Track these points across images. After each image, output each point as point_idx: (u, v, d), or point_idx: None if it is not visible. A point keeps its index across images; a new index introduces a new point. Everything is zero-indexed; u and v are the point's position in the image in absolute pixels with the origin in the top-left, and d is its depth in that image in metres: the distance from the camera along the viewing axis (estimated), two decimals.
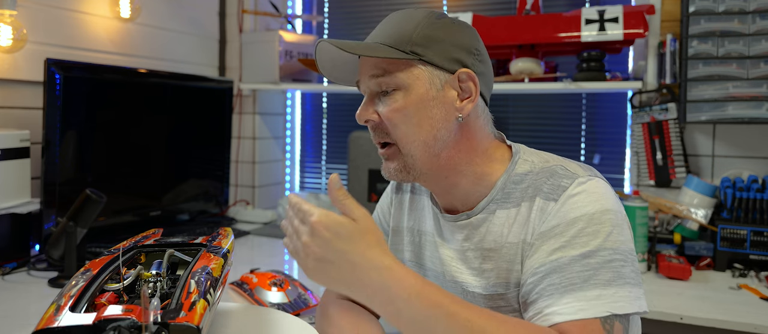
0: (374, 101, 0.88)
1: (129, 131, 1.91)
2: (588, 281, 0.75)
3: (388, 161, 0.89)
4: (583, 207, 0.79)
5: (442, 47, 0.84)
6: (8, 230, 1.60)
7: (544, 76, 1.94)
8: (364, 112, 0.88)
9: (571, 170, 0.84)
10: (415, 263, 0.99)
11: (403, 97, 0.84)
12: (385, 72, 0.84)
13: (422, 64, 0.84)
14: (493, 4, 2.33)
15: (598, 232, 0.77)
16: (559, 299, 0.75)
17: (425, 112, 0.84)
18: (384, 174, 0.90)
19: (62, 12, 1.84)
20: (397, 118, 0.84)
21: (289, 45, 2.34)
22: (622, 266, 0.76)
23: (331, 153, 2.69)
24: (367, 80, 0.87)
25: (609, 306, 0.74)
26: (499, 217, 0.86)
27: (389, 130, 0.86)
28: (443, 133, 0.85)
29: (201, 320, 0.68)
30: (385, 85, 0.85)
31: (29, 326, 1.15)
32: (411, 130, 0.84)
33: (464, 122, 0.86)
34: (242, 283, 1.35)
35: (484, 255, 0.87)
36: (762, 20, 1.69)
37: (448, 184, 0.89)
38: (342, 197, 0.77)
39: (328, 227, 0.73)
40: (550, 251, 0.79)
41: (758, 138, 1.84)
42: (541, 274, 0.78)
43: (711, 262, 1.70)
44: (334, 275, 0.74)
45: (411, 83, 0.84)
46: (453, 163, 0.87)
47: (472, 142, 0.88)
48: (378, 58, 0.84)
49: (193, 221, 2.22)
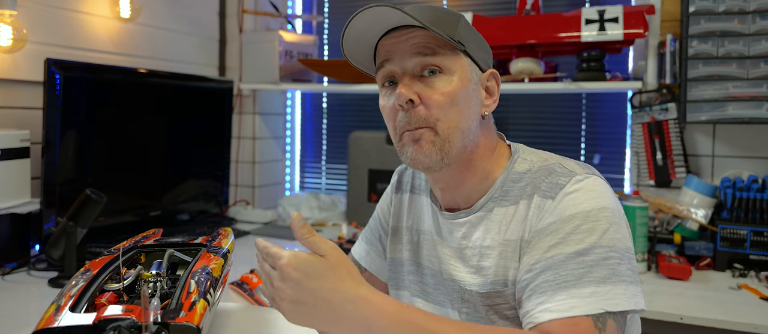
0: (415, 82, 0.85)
1: (129, 131, 1.91)
2: (582, 278, 0.75)
3: (421, 142, 0.84)
4: (580, 204, 0.79)
5: (477, 44, 0.88)
6: (8, 230, 1.60)
7: (544, 76, 1.94)
8: (408, 90, 0.83)
9: (568, 168, 0.84)
10: (414, 262, 0.99)
11: (450, 82, 0.84)
12: (434, 52, 0.84)
13: (465, 55, 0.86)
14: (493, 4, 2.33)
15: (594, 229, 0.77)
16: (553, 295, 0.75)
17: (467, 101, 0.85)
18: (409, 161, 0.86)
19: (62, 12, 1.84)
20: (445, 101, 0.83)
21: (289, 45, 2.34)
22: (618, 263, 0.76)
23: (331, 153, 2.69)
24: (408, 59, 0.84)
25: (603, 304, 0.73)
26: (497, 214, 0.86)
27: (431, 111, 0.83)
28: (474, 125, 0.87)
29: (201, 320, 0.68)
30: (433, 65, 0.83)
31: (29, 326, 1.14)
32: (454, 116, 0.84)
33: (484, 120, 0.89)
34: (242, 283, 1.35)
35: (482, 253, 0.87)
36: (762, 20, 1.69)
37: (461, 179, 0.90)
38: (307, 234, 0.74)
39: (297, 267, 0.72)
40: (545, 247, 0.79)
41: (758, 138, 1.84)
42: (535, 271, 0.78)
43: (711, 262, 1.70)
44: (311, 314, 0.72)
45: (456, 70, 0.85)
46: (473, 157, 0.88)
47: (487, 140, 0.90)
48: (428, 38, 0.83)
49: (193, 221, 2.22)
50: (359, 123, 2.59)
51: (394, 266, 1.03)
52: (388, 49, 0.86)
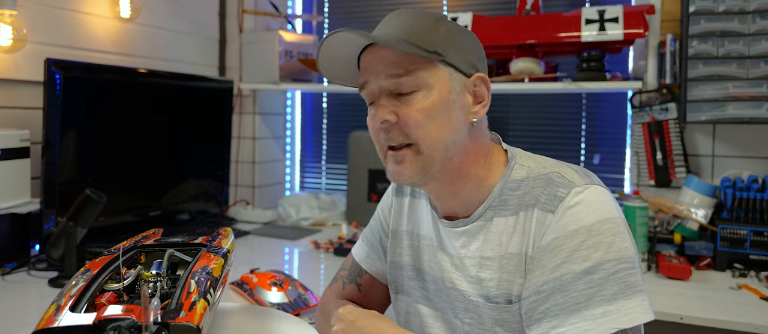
0: (391, 101, 0.84)
1: (129, 131, 1.91)
2: (592, 298, 0.74)
3: (403, 164, 0.85)
4: (582, 219, 0.78)
5: (460, 50, 0.84)
6: (8, 230, 1.60)
7: (544, 76, 1.94)
8: (383, 111, 0.83)
9: (567, 178, 0.82)
10: (414, 268, 0.98)
11: (428, 97, 0.82)
12: (407, 71, 0.82)
13: (444, 64, 0.83)
14: (493, 4, 2.33)
15: (599, 244, 0.76)
16: (565, 319, 0.75)
17: (447, 113, 0.83)
18: (393, 177, 0.87)
19: (62, 12, 1.84)
20: (422, 117, 0.82)
21: (289, 45, 2.34)
22: (629, 275, 0.76)
23: (331, 153, 2.69)
24: (383, 80, 0.84)
25: (615, 322, 0.73)
26: (497, 225, 0.85)
27: (410, 130, 0.83)
28: (460, 136, 0.84)
29: (201, 320, 0.68)
30: (406, 86, 0.82)
31: (29, 326, 1.14)
32: (434, 131, 0.82)
33: (474, 127, 0.86)
34: (242, 283, 1.35)
35: (482, 263, 0.86)
36: (762, 20, 1.69)
37: (454, 189, 0.88)
38: None
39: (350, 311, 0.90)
40: (551, 267, 0.78)
41: (758, 138, 1.84)
42: (544, 293, 0.77)
43: (711, 262, 1.69)
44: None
45: (433, 83, 0.82)
46: (462, 167, 0.86)
47: (478, 147, 0.87)
48: (399, 57, 0.82)
49: (193, 221, 2.22)
50: (359, 123, 2.59)
51: (394, 269, 1.03)
52: (365, 67, 0.86)
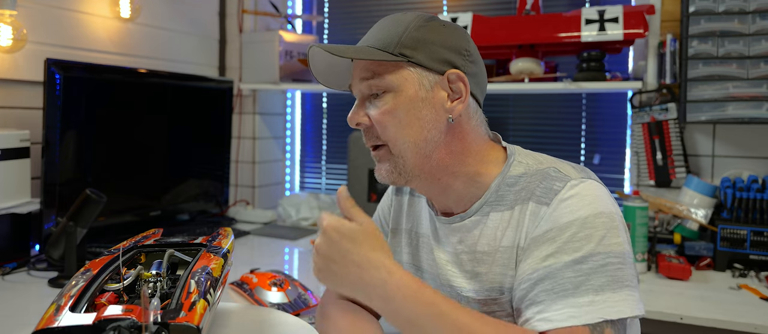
0: (365, 104, 0.89)
1: (129, 131, 1.91)
2: (579, 287, 0.75)
3: (380, 164, 0.90)
4: (576, 211, 0.78)
5: (430, 49, 0.85)
6: (8, 230, 1.60)
7: (544, 76, 1.94)
8: (355, 115, 0.89)
9: (563, 172, 0.83)
10: (413, 265, 0.99)
11: (393, 99, 0.85)
12: (374, 74, 0.85)
13: (411, 65, 0.84)
14: (493, 4, 2.33)
15: (591, 236, 0.77)
16: (551, 305, 0.75)
17: (414, 113, 0.85)
18: (377, 177, 0.91)
19: (62, 12, 1.84)
20: (387, 119, 0.85)
21: (289, 45, 2.34)
22: (618, 269, 0.76)
23: (331, 153, 2.69)
24: (358, 83, 0.88)
25: (601, 312, 0.73)
26: (493, 220, 0.86)
27: (380, 132, 0.87)
28: (434, 134, 0.85)
29: (201, 320, 0.68)
30: (375, 88, 0.86)
31: (29, 326, 1.14)
32: (401, 132, 0.85)
33: (455, 123, 0.86)
34: (242, 283, 1.35)
35: (478, 259, 0.87)
36: (762, 20, 1.69)
37: (441, 186, 0.89)
38: (349, 206, 0.84)
39: (336, 228, 0.81)
40: (542, 256, 0.78)
41: (758, 138, 1.84)
42: (533, 280, 0.78)
43: (711, 262, 1.70)
44: (339, 273, 0.81)
45: (400, 85, 0.85)
46: (444, 164, 0.87)
47: (464, 144, 0.88)
48: (368, 61, 0.85)
49: (193, 221, 2.22)
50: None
51: None
52: (352, 72, 0.91)
